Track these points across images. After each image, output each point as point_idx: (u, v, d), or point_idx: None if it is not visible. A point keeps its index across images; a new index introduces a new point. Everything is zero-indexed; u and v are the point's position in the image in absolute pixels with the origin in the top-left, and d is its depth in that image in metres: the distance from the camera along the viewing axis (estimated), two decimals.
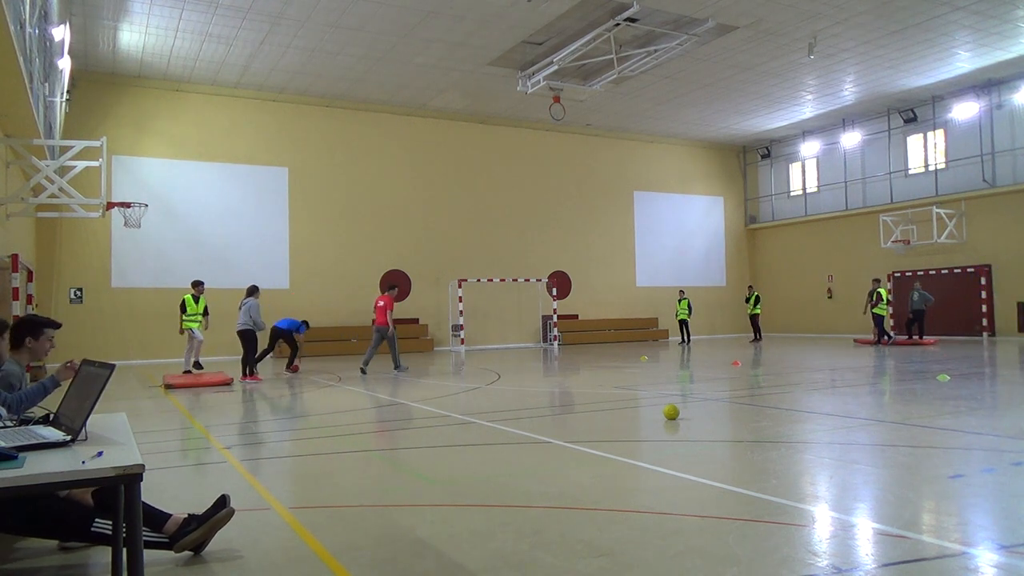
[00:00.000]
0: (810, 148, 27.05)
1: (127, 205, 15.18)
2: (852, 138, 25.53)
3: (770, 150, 28.45)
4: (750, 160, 29.48)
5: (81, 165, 14.39)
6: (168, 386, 12.16)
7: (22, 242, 15.14)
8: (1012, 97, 21.25)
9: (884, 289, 20.82)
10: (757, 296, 24.26)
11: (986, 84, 21.55)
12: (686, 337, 23.54)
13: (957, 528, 3.93)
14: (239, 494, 4.73)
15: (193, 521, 3.67)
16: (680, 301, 23.73)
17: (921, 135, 23.85)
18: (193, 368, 14.32)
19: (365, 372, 14.25)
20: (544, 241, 25.16)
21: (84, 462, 2.66)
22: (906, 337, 21.15)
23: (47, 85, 13.89)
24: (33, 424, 3.35)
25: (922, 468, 5.32)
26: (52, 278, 18.50)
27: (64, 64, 14.24)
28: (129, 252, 19.27)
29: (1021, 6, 16.28)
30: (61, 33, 12.89)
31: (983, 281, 21.93)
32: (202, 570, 3.53)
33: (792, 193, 28.33)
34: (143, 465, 2.68)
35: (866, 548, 3.66)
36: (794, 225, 28.05)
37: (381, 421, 8.69)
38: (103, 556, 3.57)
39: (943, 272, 22.97)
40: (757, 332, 23.81)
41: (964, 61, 19.70)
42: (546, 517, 4.22)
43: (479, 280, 23.41)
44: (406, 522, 4.20)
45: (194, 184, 20.16)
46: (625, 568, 3.36)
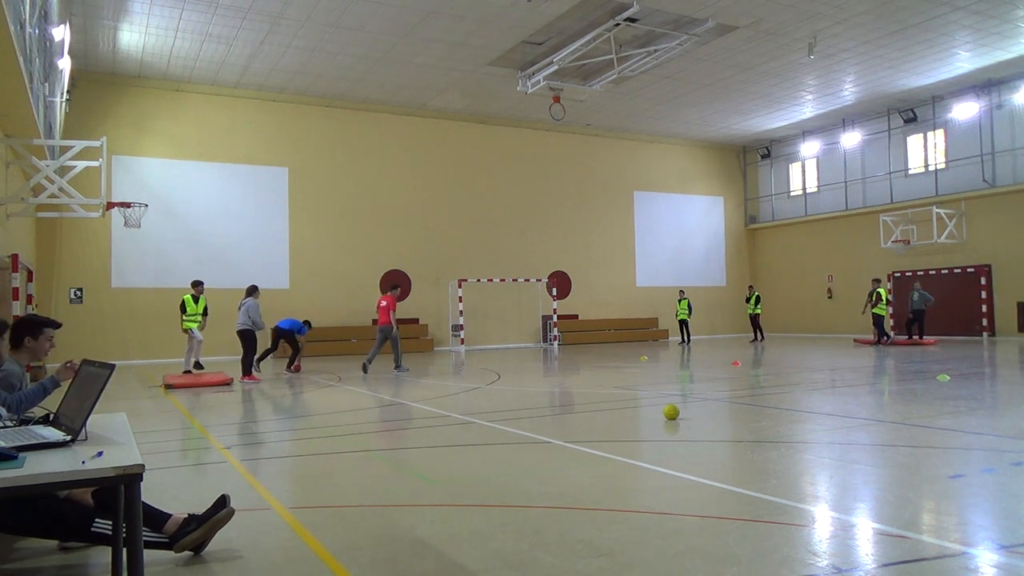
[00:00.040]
0: (810, 148, 27.05)
1: (127, 205, 15.18)
2: (852, 138, 25.53)
3: (770, 150, 28.45)
4: (750, 160, 29.48)
5: (81, 165, 14.39)
6: (168, 386, 12.16)
7: (22, 242, 15.14)
8: (1012, 97, 21.25)
9: (884, 289, 20.82)
10: (758, 296, 24.26)
11: (986, 84, 21.55)
12: (686, 337, 23.54)
13: (957, 528, 3.93)
14: (239, 494, 4.73)
15: (193, 521, 3.67)
16: (680, 301, 23.73)
17: (921, 135, 23.85)
18: (194, 369, 14.32)
19: (367, 371, 14.30)
20: (544, 241, 25.16)
21: (84, 462, 2.66)
22: (906, 337, 21.15)
23: (47, 85, 13.89)
24: (33, 424, 3.35)
25: (922, 468, 5.32)
26: (52, 278, 18.50)
27: (64, 64, 14.24)
28: (129, 252, 19.27)
29: (1021, 6, 16.28)
30: (61, 33, 12.89)
31: (983, 281, 21.93)
32: (202, 570, 3.53)
33: (792, 193, 28.33)
34: (143, 465, 2.68)
35: (866, 548, 3.66)
36: (794, 225, 28.05)
37: (381, 421, 8.69)
38: (103, 556, 3.57)
39: (943, 272, 22.97)
40: (759, 332, 23.81)
41: (964, 61, 19.69)
42: (546, 517, 4.22)
43: (479, 280, 23.41)
44: (406, 522, 4.20)
45: (194, 184, 20.16)
46: (625, 568, 3.36)
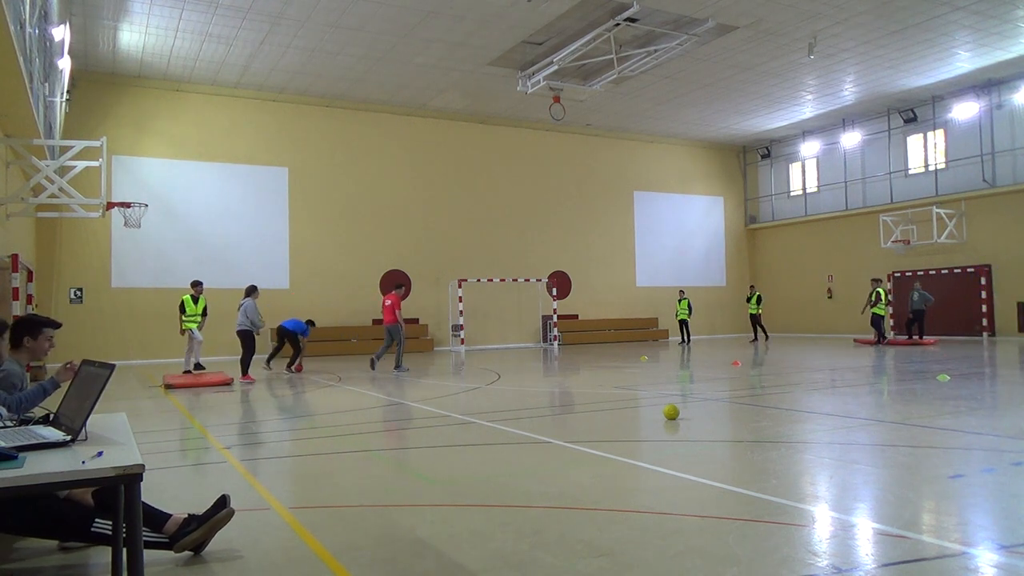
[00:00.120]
0: (810, 148, 27.04)
1: (127, 205, 15.18)
2: (852, 138, 25.53)
3: (770, 150, 28.45)
4: (750, 160, 29.48)
5: (81, 165, 14.39)
6: (168, 386, 12.16)
7: (22, 242, 15.14)
8: (1012, 97, 21.24)
9: (883, 289, 20.82)
10: (759, 296, 24.25)
11: (986, 84, 21.54)
12: (686, 337, 23.54)
13: (957, 528, 3.92)
14: (239, 494, 4.73)
15: (193, 521, 3.67)
16: (680, 301, 23.72)
17: (921, 135, 23.85)
18: (194, 369, 14.31)
19: (375, 367, 14.83)
20: (544, 241, 25.16)
21: (84, 462, 2.66)
22: (906, 337, 21.15)
23: (47, 85, 13.89)
24: (33, 424, 3.35)
25: (922, 468, 5.32)
26: (52, 278, 18.50)
27: (64, 64, 14.24)
28: (129, 252, 19.27)
29: (1021, 6, 16.28)
30: (61, 33, 12.89)
31: (983, 281, 21.93)
32: (202, 570, 3.53)
33: (792, 193, 28.32)
34: (143, 465, 2.68)
35: (866, 548, 3.66)
36: (794, 225, 28.05)
37: (381, 421, 8.68)
38: (103, 556, 3.57)
39: (943, 272, 22.97)
40: (760, 331, 23.75)
41: (964, 61, 19.69)
42: (546, 517, 4.22)
43: (479, 280, 23.41)
44: (406, 522, 4.20)
45: (194, 184, 20.16)
46: (625, 568, 3.36)
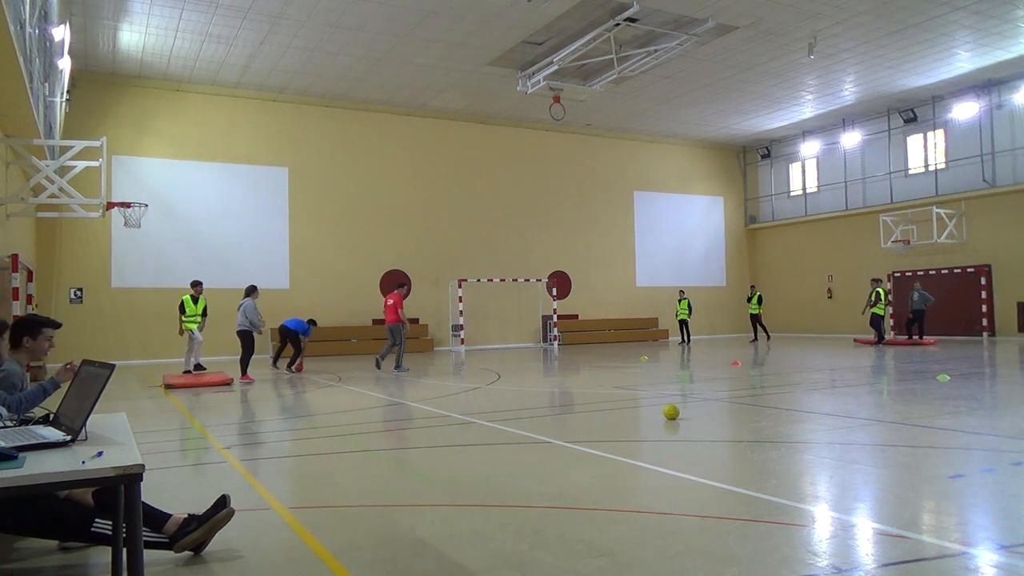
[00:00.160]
0: (810, 148, 27.04)
1: (127, 205, 15.17)
2: (852, 138, 25.53)
3: (770, 150, 28.45)
4: (750, 160, 29.48)
5: (81, 165, 14.39)
6: (168, 386, 12.16)
7: (22, 242, 15.14)
8: (1012, 97, 21.24)
9: (883, 289, 20.82)
10: (760, 296, 24.24)
11: (986, 84, 21.54)
12: (686, 337, 23.54)
13: (957, 528, 3.92)
14: (239, 494, 4.73)
15: (193, 521, 3.67)
16: (680, 301, 23.72)
17: (921, 135, 23.85)
18: (194, 370, 14.30)
19: (380, 366, 14.98)
20: (544, 241, 25.15)
21: (84, 462, 2.66)
22: (906, 337, 21.15)
23: (47, 85, 13.89)
24: (33, 424, 3.35)
25: (922, 468, 5.32)
26: (52, 278, 18.50)
27: (64, 64, 14.24)
28: (129, 252, 19.27)
29: (1021, 6, 16.28)
30: (61, 33, 12.90)
31: (983, 281, 21.93)
32: (202, 570, 3.53)
33: (792, 193, 28.32)
34: (143, 465, 2.68)
35: (866, 548, 3.65)
36: (794, 225, 28.04)
37: (381, 421, 8.68)
38: (103, 556, 3.57)
39: (943, 272, 22.97)
40: (761, 331, 23.75)
41: (964, 61, 19.69)
42: (546, 517, 4.22)
43: (479, 280, 23.40)
44: (406, 522, 4.20)
45: (194, 184, 20.16)
46: (625, 568, 3.36)
